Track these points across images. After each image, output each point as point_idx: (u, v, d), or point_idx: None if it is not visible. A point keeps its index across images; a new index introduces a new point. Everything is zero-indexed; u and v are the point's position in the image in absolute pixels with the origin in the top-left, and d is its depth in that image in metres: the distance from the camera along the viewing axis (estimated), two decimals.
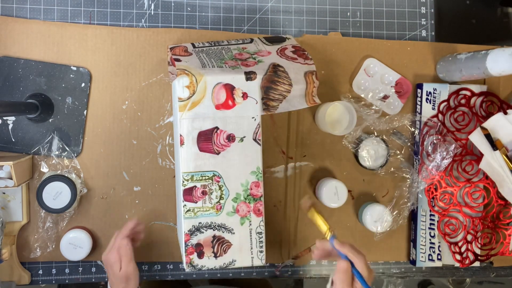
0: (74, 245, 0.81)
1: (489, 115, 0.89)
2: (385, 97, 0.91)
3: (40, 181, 0.81)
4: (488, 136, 0.85)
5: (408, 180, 0.90)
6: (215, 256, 0.72)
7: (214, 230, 0.72)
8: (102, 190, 0.85)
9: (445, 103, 0.91)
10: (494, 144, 0.85)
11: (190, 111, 0.70)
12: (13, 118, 0.81)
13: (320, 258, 0.71)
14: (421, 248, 0.91)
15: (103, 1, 0.86)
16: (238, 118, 0.71)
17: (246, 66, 0.75)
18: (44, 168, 0.83)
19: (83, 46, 0.84)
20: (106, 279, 0.86)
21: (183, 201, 0.71)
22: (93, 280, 0.87)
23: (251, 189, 0.73)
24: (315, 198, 0.90)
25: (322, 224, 0.71)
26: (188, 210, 0.71)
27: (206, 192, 0.71)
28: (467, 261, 0.92)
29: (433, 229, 0.92)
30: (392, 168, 0.91)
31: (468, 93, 0.91)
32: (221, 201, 0.72)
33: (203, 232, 0.72)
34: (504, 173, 0.84)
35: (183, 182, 0.71)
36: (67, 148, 0.83)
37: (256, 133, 0.72)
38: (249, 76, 0.71)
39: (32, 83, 0.82)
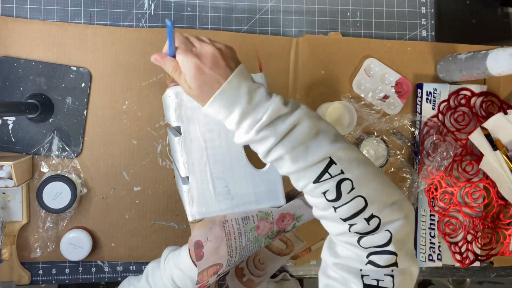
0: (74, 245, 0.81)
1: (489, 115, 0.89)
2: (385, 97, 0.90)
3: (40, 181, 0.81)
4: (488, 136, 0.85)
5: (408, 180, 0.90)
6: None
7: None
8: (102, 190, 0.85)
9: (445, 103, 0.91)
10: (494, 144, 0.85)
11: None
12: (13, 118, 0.81)
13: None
14: (421, 248, 0.91)
15: (103, 1, 0.86)
16: None
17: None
18: (44, 168, 0.83)
19: (83, 46, 0.84)
20: (106, 279, 0.86)
21: None
22: (93, 280, 0.86)
23: None
24: None
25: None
26: None
27: None
28: (467, 261, 0.92)
29: (433, 229, 0.92)
30: (392, 168, 0.91)
31: (468, 93, 0.91)
32: None
33: None
34: (504, 173, 0.84)
35: None
36: (67, 148, 0.83)
37: None
38: None
39: (32, 83, 0.82)
